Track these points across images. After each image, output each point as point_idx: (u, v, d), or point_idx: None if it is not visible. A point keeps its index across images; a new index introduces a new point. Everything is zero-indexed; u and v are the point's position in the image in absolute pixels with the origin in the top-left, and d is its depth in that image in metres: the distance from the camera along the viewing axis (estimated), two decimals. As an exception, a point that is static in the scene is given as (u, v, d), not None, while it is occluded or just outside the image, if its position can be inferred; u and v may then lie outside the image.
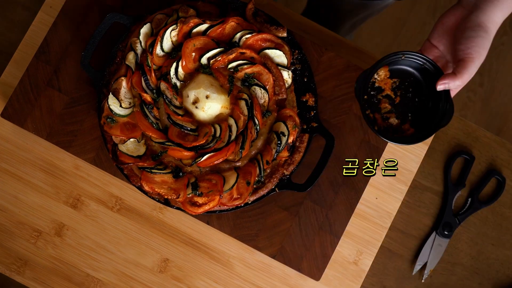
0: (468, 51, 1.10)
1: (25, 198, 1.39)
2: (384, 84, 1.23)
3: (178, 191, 1.24)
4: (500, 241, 1.44)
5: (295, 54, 1.32)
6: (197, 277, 1.39)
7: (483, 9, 1.12)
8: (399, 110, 1.22)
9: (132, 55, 1.28)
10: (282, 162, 1.29)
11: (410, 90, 1.22)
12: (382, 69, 1.21)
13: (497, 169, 1.45)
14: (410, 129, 1.21)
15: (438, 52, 1.19)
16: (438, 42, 1.18)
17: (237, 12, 1.32)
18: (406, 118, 1.22)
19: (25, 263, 1.38)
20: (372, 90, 1.22)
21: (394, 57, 1.18)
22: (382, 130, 1.21)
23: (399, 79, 1.22)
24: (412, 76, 1.22)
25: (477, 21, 1.11)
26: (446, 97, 1.16)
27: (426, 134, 1.18)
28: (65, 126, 1.36)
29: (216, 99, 1.25)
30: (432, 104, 1.20)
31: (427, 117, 1.20)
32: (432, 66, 1.17)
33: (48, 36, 1.38)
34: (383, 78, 1.22)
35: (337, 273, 1.39)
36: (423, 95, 1.21)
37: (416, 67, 1.20)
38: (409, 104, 1.22)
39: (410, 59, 1.19)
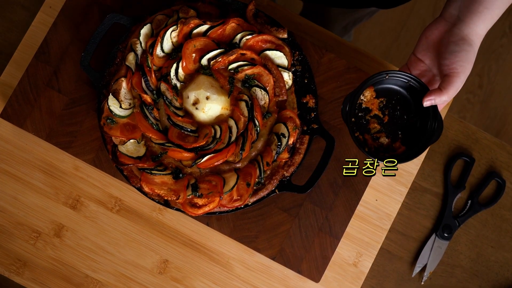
0: (453, 66, 1.09)
1: (25, 199, 1.39)
2: (371, 105, 1.22)
3: (178, 192, 1.24)
4: (499, 243, 1.44)
5: (295, 55, 1.32)
6: (196, 279, 1.39)
7: (466, 22, 1.11)
8: (389, 129, 1.22)
9: (132, 55, 1.28)
10: (282, 163, 1.29)
11: (398, 108, 1.21)
12: (367, 90, 1.21)
13: (497, 171, 1.44)
14: (401, 147, 1.21)
15: (424, 66, 1.18)
16: (423, 56, 1.18)
17: (237, 13, 1.32)
18: (397, 136, 1.22)
19: (24, 264, 1.38)
20: (360, 112, 1.22)
21: (378, 77, 1.17)
22: (373, 150, 1.21)
23: (385, 98, 1.21)
24: (399, 94, 1.21)
25: (460, 34, 1.11)
26: (434, 112, 1.15)
27: (417, 151, 1.17)
28: (64, 127, 1.36)
29: (216, 100, 1.24)
30: (421, 121, 1.19)
31: (418, 134, 1.20)
32: (417, 83, 1.16)
33: (47, 37, 1.38)
34: (370, 98, 1.21)
35: (336, 275, 1.39)
36: (411, 112, 1.21)
37: (402, 85, 1.19)
38: (398, 122, 1.21)
39: (395, 78, 1.18)
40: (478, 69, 2.66)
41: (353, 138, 1.17)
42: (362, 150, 1.16)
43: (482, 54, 2.67)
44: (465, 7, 1.11)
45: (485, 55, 2.68)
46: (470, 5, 1.11)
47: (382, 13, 2.63)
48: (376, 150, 1.21)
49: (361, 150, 1.17)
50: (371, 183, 1.39)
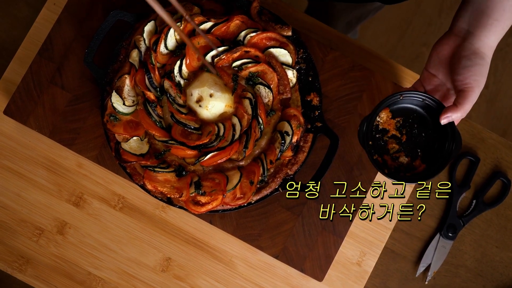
0: (467, 81, 1.08)
1: (28, 196, 1.38)
2: (388, 125, 1.20)
3: (181, 190, 1.24)
4: (504, 243, 1.43)
5: (300, 53, 1.31)
6: (199, 277, 1.39)
7: (477, 35, 1.10)
8: (408, 148, 1.20)
9: (135, 52, 1.27)
10: (286, 161, 1.28)
11: (415, 126, 1.20)
12: (383, 111, 1.19)
13: (502, 171, 1.43)
14: (421, 165, 1.19)
15: (438, 81, 1.17)
16: (436, 71, 1.17)
17: (241, 10, 1.31)
18: (416, 155, 1.20)
19: (27, 261, 1.38)
20: (377, 133, 1.21)
21: (393, 99, 1.16)
22: (393, 171, 1.19)
23: (402, 118, 1.20)
24: (415, 112, 1.19)
25: (472, 48, 1.09)
26: (451, 128, 1.14)
27: (438, 168, 1.15)
28: (68, 124, 1.36)
29: (220, 97, 1.24)
30: (439, 138, 1.18)
31: (437, 150, 1.18)
32: (432, 101, 1.15)
33: (51, 33, 1.37)
34: (386, 119, 1.20)
35: (340, 274, 1.39)
36: (429, 129, 1.19)
37: (417, 103, 1.18)
38: (416, 141, 1.20)
39: (409, 97, 1.17)
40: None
41: (372, 161, 1.16)
42: (382, 173, 1.15)
43: (488, 53, 2.65)
44: (475, 21, 1.10)
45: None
46: (480, 19, 1.10)
47: (388, 10, 2.62)
48: (396, 170, 1.19)
49: (381, 173, 1.16)
50: (375, 182, 1.38)
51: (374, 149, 1.20)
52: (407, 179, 1.17)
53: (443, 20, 2.71)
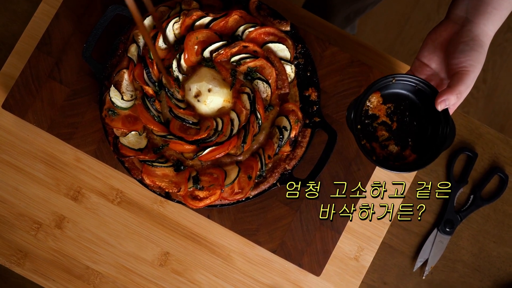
0: (463, 64, 1.07)
1: (26, 190, 1.39)
2: (378, 111, 1.17)
3: (179, 185, 1.24)
4: (501, 238, 1.43)
5: (298, 48, 1.31)
6: (197, 271, 1.39)
7: (476, 22, 1.09)
8: (398, 137, 1.16)
9: (134, 47, 1.27)
10: (284, 156, 1.29)
11: (406, 114, 1.16)
12: (374, 95, 1.16)
13: (500, 166, 1.44)
14: (411, 155, 1.15)
15: (430, 71, 1.15)
16: (429, 60, 1.15)
17: (240, 5, 1.31)
18: (407, 144, 1.16)
19: (25, 255, 1.38)
20: (367, 119, 1.17)
21: (384, 81, 1.13)
22: (381, 159, 1.15)
23: (393, 104, 1.16)
24: (407, 99, 1.16)
25: (470, 35, 1.09)
26: (445, 117, 1.10)
27: (429, 158, 1.11)
28: (66, 118, 1.36)
29: (218, 92, 1.24)
30: (432, 127, 1.14)
31: (428, 140, 1.15)
32: (426, 86, 1.11)
33: (50, 28, 1.37)
34: (376, 104, 1.17)
35: (337, 269, 1.39)
36: (421, 117, 1.15)
37: (410, 89, 1.14)
38: (407, 129, 1.16)
39: (402, 82, 1.13)
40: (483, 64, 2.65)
41: (360, 146, 1.12)
42: (369, 159, 1.11)
43: (487, 48, 2.66)
44: (473, 8, 1.10)
45: (489, 50, 2.64)
46: (478, 6, 1.10)
47: (387, 6, 2.62)
48: (385, 159, 1.16)
49: (368, 159, 1.12)
50: (373, 177, 1.38)
51: (362, 134, 1.16)
52: (395, 168, 1.12)
53: (442, 16, 2.70)
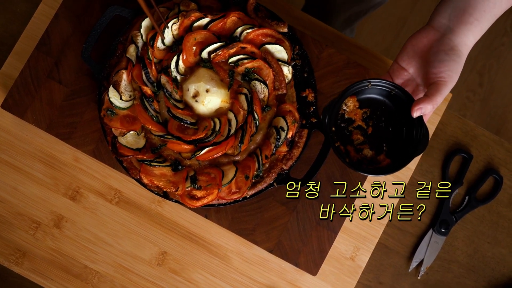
0: (441, 74, 1.08)
1: (25, 190, 1.39)
2: (354, 115, 1.18)
3: (177, 184, 1.25)
4: (496, 239, 1.44)
5: (295, 49, 1.33)
6: (194, 271, 1.40)
7: (457, 32, 1.11)
8: (373, 141, 1.18)
9: (133, 48, 1.28)
10: (281, 157, 1.30)
11: (382, 119, 1.18)
12: (350, 100, 1.17)
13: (494, 168, 1.45)
14: (385, 160, 1.17)
15: (408, 75, 1.16)
16: (407, 64, 1.16)
17: (238, 6, 1.32)
18: (381, 149, 1.18)
19: (24, 254, 1.39)
20: (343, 122, 1.18)
21: (360, 86, 1.14)
22: (355, 162, 1.17)
23: (369, 109, 1.18)
24: (383, 104, 1.17)
25: (450, 44, 1.10)
26: (420, 123, 1.12)
27: (402, 162, 1.13)
28: (65, 118, 1.37)
29: (216, 93, 1.25)
30: (406, 132, 1.16)
31: (403, 146, 1.16)
32: (401, 92, 1.13)
33: (49, 28, 1.38)
34: (353, 108, 1.18)
35: (333, 269, 1.40)
36: (397, 123, 1.17)
37: (386, 94, 1.16)
38: (382, 134, 1.18)
39: (378, 87, 1.15)
40: (479, 68, 2.67)
41: (333, 147, 1.13)
42: (342, 161, 1.12)
43: (483, 52, 2.68)
44: (456, 18, 1.11)
45: (486, 54, 2.68)
46: (461, 16, 1.11)
47: (384, 9, 2.64)
48: (358, 162, 1.17)
49: (341, 161, 1.13)
50: (369, 178, 1.40)
51: (337, 137, 1.17)
52: (368, 171, 1.14)
53: (439, 19, 2.72)
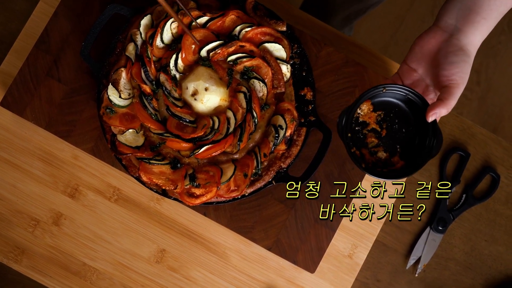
0: (453, 77, 1.08)
1: (23, 187, 1.40)
2: (369, 118, 1.19)
3: (176, 182, 1.25)
4: (493, 237, 1.45)
5: (294, 48, 1.33)
6: (193, 268, 1.40)
7: (464, 32, 1.11)
8: (387, 143, 1.18)
9: (132, 46, 1.29)
10: (279, 155, 1.30)
11: (396, 121, 1.18)
12: (364, 103, 1.17)
13: (492, 166, 1.46)
14: (399, 162, 1.17)
15: (417, 76, 1.17)
16: (417, 65, 1.16)
17: (237, 5, 1.33)
18: (395, 151, 1.18)
19: (23, 251, 1.39)
20: (357, 126, 1.19)
21: (375, 91, 1.14)
22: (370, 165, 1.17)
23: (383, 112, 1.18)
24: (397, 107, 1.18)
25: (459, 44, 1.10)
26: (433, 125, 1.13)
27: (416, 165, 1.13)
28: (64, 116, 1.37)
29: (215, 91, 1.26)
30: (420, 135, 1.17)
31: (417, 147, 1.17)
32: (415, 95, 1.13)
33: (48, 26, 1.39)
34: (367, 112, 1.18)
35: (331, 266, 1.41)
36: (410, 125, 1.18)
37: (400, 98, 1.16)
38: (396, 136, 1.18)
39: (392, 91, 1.15)
40: (476, 66, 2.68)
41: (349, 154, 1.14)
42: (358, 167, 1.13)
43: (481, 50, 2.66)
44: (463, 17, 1.11)
45: (483, 52, 2.69)
46: (468, 15, 1.11)
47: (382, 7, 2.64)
48: (373, 165, 1.18)
49: (357, 167, 1.13)
50: (367, 176, 1.40)
51: (352, 141, 1.18)
52: (383, 175, 1.15)
53: (436, 18, 2.73)
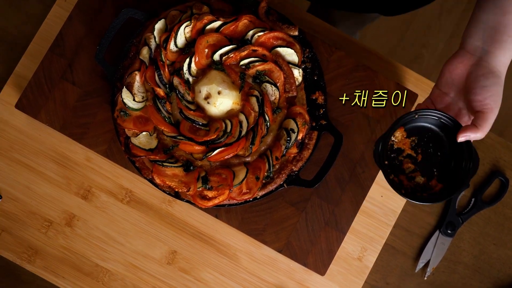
0: (486, 101, 1.06)
1: (37, 189, 1.41)
2: (403, 145, 1.18)
3: (189, 185, 1.27)
4: (502, 241, 1.46)
5: (306, 52, 1.34)
6: (204, 270, 1.42)
7: (493, 52, 1.08)
8: (424, 168, 1.18)
9: (146, 50, 1.30)
10: (291, 158, 1.31)
11: (430, 145, 1.18)
12: (398, 130, 1.17)
13: (500, 170, 1.47)
14: (438, 185, 1.17)
15: (450, 99, 1.15)
16: (448, 89, 1.14)
17: (249, 10, 1.34)
18: (432, 174, 1.18)
19: (36, 252, 1.41)
20: (392, 153, 1.19)
21: (408, 118, 1.14)
22: (409, 191, 1.17)
23: (417, 137, 1.18)
24: (430, 131, 1.17)
25: (489, 67, 1.08)
26: (468, 147, 1.12)
27: (456, 187, 1.13)
28: (78, 119, 1.39)
29: (227, 95, 1.27)
30: (456, 156, 1.16)
31: (453, 169, 1.16)
32: (448, 119, 1.13)
33: (63, 30, 1.40)
34: (401, 139, 1.18)
35: (341, 269, 1.42)
36: (445, 148, 1.17)
37: (432, 122, 1.16)
38: (432, 160, 1.18)
39: (425, 116, 1.15)
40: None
41: (388, 181, 1.14)
42: (399, 193, 1.13)
43: (487, 55, 2.69)
44: (489, 38, 1.08)
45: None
46: (494, 36, 1.08)
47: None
48: (412, 191, 1.17)
49: (398, 193, 1.13)
50: (377, 180, 1.41)
51: (389, 168, 1.18)
52: (424, 199, 1.14)
53: (443, 22, 2.74)
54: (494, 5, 1.09)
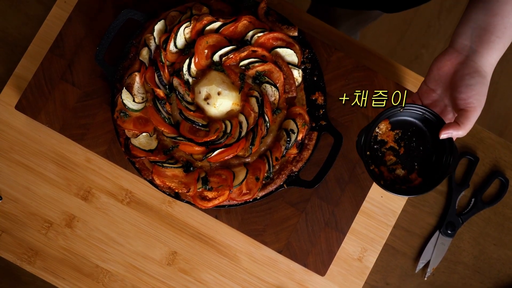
0: (469, 100, 1.08)
1: (37, 190, 1.41)
2: (387, 137, 1.21)
3: (189, 185, 1.27)
4: (502, 241, 1.46)
5: (305, 53, 1.35)
6: (204, 270, 1.42)
7: (480, 52, 1.10)
8: (405, 161, 1.21)
9: (146, 51, 1.30)
10: (291, 159, 1.32)
11: (413, 139, 1.21)
12: (382, 123, 1.20)
13: (500, 170, 1.47)
14: (417, 179, 1.19)
15: (436, 96, 1.17)
16: (435, 86, 1.16)
17: (249, 11, 1.34)
18: (413, 168, 1.21)
19: (36, 253, 1.41)
20: (375, 144, 1.21)
21: (393, 110, 1.17)
22: (389, 182, 1.20)
23: (401, 130, 1.21)
24: (414, 125, 1.20)
25: (475, 66, 1.10)
26: (449, 144, 1.14)
27: (434, 182, 1.16)
28: (77, 120, 1.39)
29: (227, 96, 1.27)
30: (437, 153, 1.19)
31: (434, 165, 1.19)
32: (432, 115, 1.15)
33: (62, 31, 1.40)
34: (385, 131, 1.21)
35: (341, 269, 1.42)
36: (427, 143, 1.20)
37: (417, 117, 1.19)
38: (414, 154, 1.21)
39: (410, 110, 1.17)
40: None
41: (368, 171, 1.17)
42: (377, 184, 1.15)
43: (487, 55, 2.69)
44: (477, 37, 1.10)
45: (489, 56, 2.69)
46: (483, 36, 1.10)
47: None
48: (392, 182, 1.20)
49: (377, 184, 1.16)
50: (377, 180, 1.41)
51: (371, 159, 1.21)
52: (402, 192, 1.17)
53: (442, 22, 2.74)
54: (484, 5, 1.11)
